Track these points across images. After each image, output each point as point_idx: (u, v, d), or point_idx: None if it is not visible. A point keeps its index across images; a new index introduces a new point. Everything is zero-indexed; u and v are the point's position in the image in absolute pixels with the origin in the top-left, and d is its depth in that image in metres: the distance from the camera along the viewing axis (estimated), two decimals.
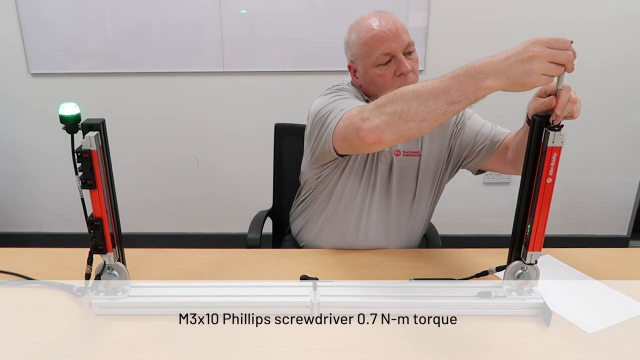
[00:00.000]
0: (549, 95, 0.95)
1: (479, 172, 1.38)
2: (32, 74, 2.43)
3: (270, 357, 0.93)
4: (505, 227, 1.37)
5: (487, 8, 2.30)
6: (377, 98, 1.10)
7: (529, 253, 1.00)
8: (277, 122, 1.64)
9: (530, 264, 1.02)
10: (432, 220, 1.56)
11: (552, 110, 0.92)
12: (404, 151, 1.33)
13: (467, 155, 1.34)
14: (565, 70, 0.85)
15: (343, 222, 1.36)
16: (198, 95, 2.47)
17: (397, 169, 1.33)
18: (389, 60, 1.21)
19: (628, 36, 2.33)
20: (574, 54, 0.85)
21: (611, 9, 2.29)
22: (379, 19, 1.21)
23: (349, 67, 1.32)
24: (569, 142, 0.91)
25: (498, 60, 0.87)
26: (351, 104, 1.13)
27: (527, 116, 1.10)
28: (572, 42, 0.85)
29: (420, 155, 1.34)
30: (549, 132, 0.91)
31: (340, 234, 1.37)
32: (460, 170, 1.41)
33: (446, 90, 0.92)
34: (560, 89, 0.90)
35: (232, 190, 2.66)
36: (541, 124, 0.94)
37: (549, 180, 0.93)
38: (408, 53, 1.22)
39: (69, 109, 0.93)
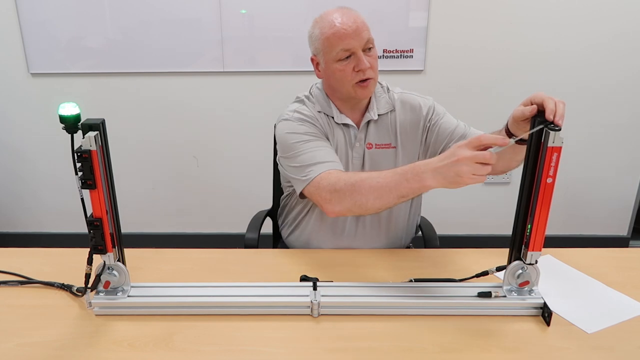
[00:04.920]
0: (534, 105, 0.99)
1: None
2: (32, 74, 2.43)
3: (270, 357, 0.93)
4: (505, 227, 1.38)
5: (487, 8, 2.30)
6: (337, 92, 1.30)
7: (529, 253, 1.00)
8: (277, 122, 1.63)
9: (530, 264, 1.02)
10: (431, 220, 1.56)
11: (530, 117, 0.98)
12: (376, 144, 1.35)
13: (442, 150, 1.35)
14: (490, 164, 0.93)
15: (324, 220, 1.39)
16: (198, 95, 2.47)
17: (370, 161, 1.35)
18: (349, 56, 1.24)
19: (629, 36, 2.33)
20: (563, 107, 0.93)
21: (613, 9, 2.29)
22: (341, 16, 1.23)
23: (312, 59, 1.34)
24: (569, 142, 0.92)
25: (435, 162, 0.99)
26: (312, 159, 1.23)
27: (507, 127, 1.11)
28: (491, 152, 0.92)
29: (396, 147, 1.36)
30: (549, 132, 0.91)
31: (329, 233, 1.40)
32: None
33: (397, 187, 1.06)
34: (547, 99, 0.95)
35: (232, 190, 2.66)
36: (541, 124, 0.94)
37: (549, 180, 0.93)
38: (368, 49, 1.25)
39: (69, 109, 0.93)
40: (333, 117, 1.33)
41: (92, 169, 0.94)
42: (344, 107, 1.34)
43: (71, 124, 0.93)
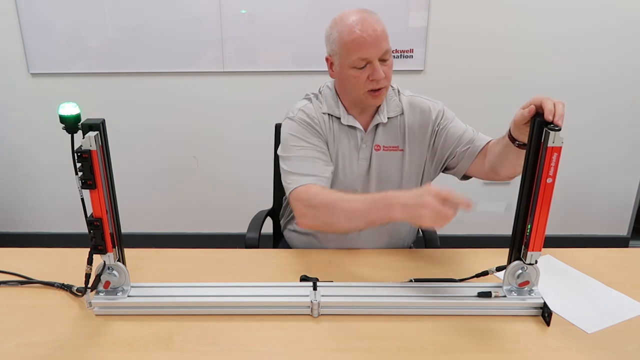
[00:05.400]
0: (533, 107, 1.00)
1: (464, 177, 1.40)
2: (32, 74, 2.43)
3: (270, 357, 0.93)
4: (505, 227, 1.37)
5: (487, 8, 2.30)
6: (349, 95, 1.31)
7: (529, 253, 1.00)
8: (277, 122, 1.64)
9: (530, 264, 1.02)
10: None
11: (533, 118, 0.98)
12: (384, 146, 1.35)
13: (450, 154, 1.36)
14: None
15: None
16: (198, 95, 2.47)
17: (376, 163, 1.35)
18: (365, 65, 1.23)
19: (629, 37, 2.33)
20: (562, 107, 0.94)
21: (612, 11, 2.29)
22: (362, 22, 1.21)
23: (327, 59, 1.33)
24: (569, 142, 0.92)
25: (405, 198, 1.04)
26: (299, 168, 1.26)
27: (510, 132, 1.12)
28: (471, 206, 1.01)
29: (403, 150, 1.36)
30: (549, 132, 0.91)
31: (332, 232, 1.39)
32: None
33: (367, 213, 1.11)
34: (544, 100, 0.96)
35: (232, 190, 2.66)
36: (541, 124, 0.94)
37: (549, 180, 0.93)
38: (384, 59, 1.24)
39: (69, 109, 0.93)
40: (339, 119, 1.33)
41: (92, 169, 0.94)
42: (354, 109, 1.34)
43: (71, 124, 0.93)
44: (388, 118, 1.33)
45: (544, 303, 1.02)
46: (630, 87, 2.42)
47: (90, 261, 1.03)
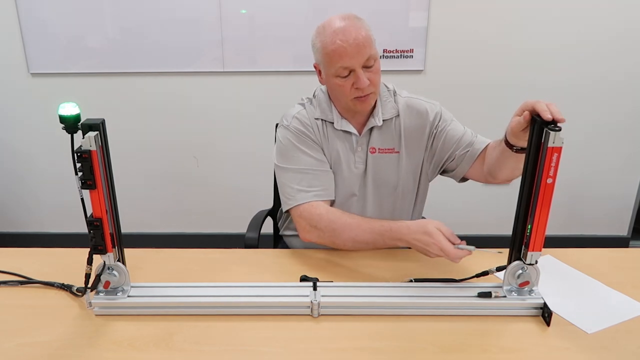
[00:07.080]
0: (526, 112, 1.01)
1: (462, 180, 1.40)
2: (32, 74, 2.43)
3: (270, 357, 0.93)
4: (505, 227, 1.37)
5: (487, 8, 2.30)
6: (338, 101, 1.32)
7: (529, 253, 1.00)
8: (277, 122, 1.63)
9: (530, 264, 1.02)
10: None
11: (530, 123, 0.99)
12: (379, 148, 1.35)
13: (449, 157, 1.36)
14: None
15: None
16: (198, 95, 2.47)
17: (372, 165, 1.35)
18: (349, 73, 1.23)
19: (629, 36, 2.33)
20: (555, 106, 0.94)
21: (613, 8, 2.29)
22: (343, 32, 1.19)
23: (315, 66, 1.33)
24: (569, 142, 0.92)
25: (412, 233, 1.14)
26: (299, 182, 1.29)
27: (506, 137, 1.12)
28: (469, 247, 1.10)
29: (399, 152, 1.36)
30: (549, 133, 0.91)
31: None
32: None
33: (373, 243, 1.22)
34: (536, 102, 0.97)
35: (232, 190, 2.66)
36: (541, 124, 0.94)
37: (549, 181, 0.93)
38: (368, 66, 1.23)
39: (69, 109, 0.93)
40: (332, 123, 1.33)
41: (92, 169, 0.94)
42: (347, 113, 1.33)
43: (71, 124, 0.93)
44: (383, 120, 1.33)
45: (544, 303, 1.02)
46: (630, 87, 2.42)
47: (90, 261, 1.03)
